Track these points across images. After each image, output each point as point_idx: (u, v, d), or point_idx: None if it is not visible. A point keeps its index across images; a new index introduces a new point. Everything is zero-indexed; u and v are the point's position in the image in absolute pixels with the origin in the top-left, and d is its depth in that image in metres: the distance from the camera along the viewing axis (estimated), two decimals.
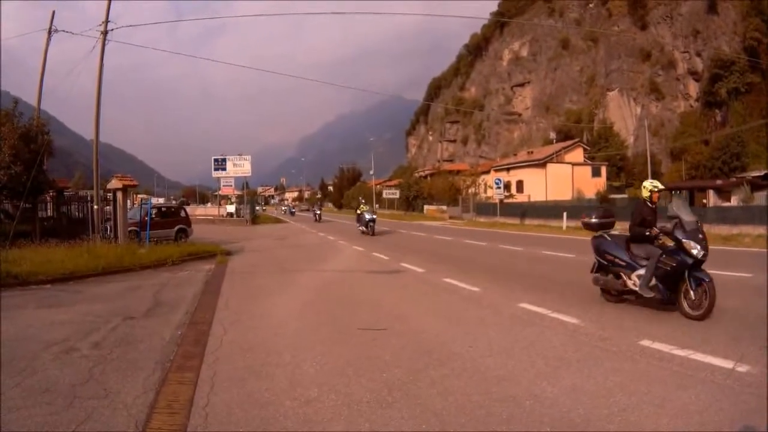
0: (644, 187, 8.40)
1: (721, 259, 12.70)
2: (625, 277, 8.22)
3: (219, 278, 13.19)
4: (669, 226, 7.68)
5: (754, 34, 65.81)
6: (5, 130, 17.30)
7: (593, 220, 9.11)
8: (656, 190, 8.23)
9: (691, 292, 7.30)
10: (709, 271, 7.44)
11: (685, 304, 7.39)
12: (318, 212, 53.39)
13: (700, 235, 7.39)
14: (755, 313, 7.39)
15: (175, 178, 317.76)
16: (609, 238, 8.71)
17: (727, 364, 5.19)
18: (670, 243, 7.75)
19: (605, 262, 8.60)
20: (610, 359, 5.58)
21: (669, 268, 7.53)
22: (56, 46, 21.83)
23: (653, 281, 7.69)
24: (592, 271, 8.94)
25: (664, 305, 7.75)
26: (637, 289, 7.91)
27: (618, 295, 8.62)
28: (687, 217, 7.60)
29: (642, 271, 7.90)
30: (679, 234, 7.47)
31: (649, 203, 8.25)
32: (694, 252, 7.24)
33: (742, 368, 5.08)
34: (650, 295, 7.68)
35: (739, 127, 59.26)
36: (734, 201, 37.61)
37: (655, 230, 7.89)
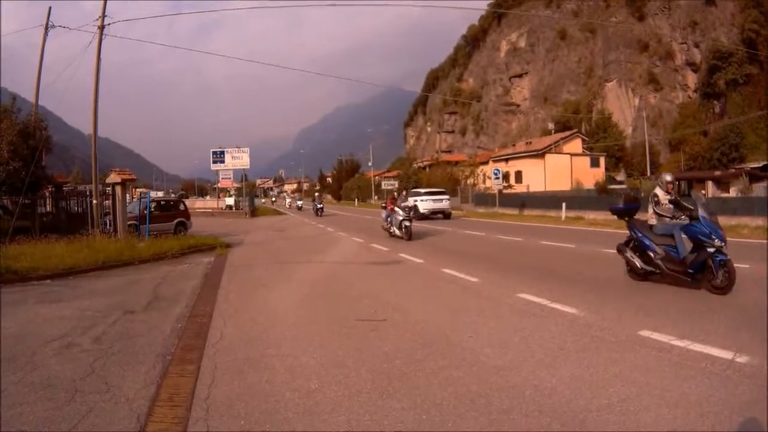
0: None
1: None
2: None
3: (219, 271, 13.21)
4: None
5: (753, 26, 65.66)
6: (3, 126, 17.30)
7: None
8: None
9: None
10: None
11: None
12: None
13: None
14: (754, 303, 7.39)
15: (173, 171, 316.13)
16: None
17: (727, 355, 5.19)
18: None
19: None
20: (609, 349, 5.59)
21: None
22: (53, 42, 21.85)
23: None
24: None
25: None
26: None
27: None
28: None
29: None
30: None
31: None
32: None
33: (741, 359, 5.07)
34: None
35: (737, 118, 59.25)
36: (733, 192, 37.66)
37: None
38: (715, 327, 6.26)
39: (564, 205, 31.66)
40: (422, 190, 35.70)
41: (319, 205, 45.09)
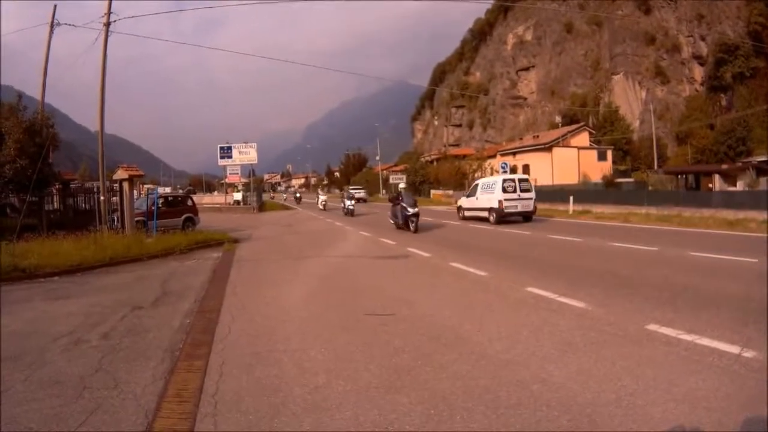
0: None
1: (726, 244, 12.66)
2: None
3: (227, 266, 13.23)
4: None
5: (758, 19, 65.24)
6: (9, 124, 17.33)
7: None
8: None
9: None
10: (712, 255, 7.47)
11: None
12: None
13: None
14: (760, 298, 7.34)
15: (180, 167, 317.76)
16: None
17: (734, 349, 5.16)
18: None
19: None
20: (617, 343, 5.58)
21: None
22: (59, 40, 21.83)
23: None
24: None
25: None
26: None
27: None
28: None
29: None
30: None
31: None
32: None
33: (748, 353, 5.05)
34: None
35: (744, 111, 58.89)
36: (740, 186, 37.49)
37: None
38: (722, 321, 6.23)
39: (572, 198, 31.62)
40: (350, 187, 45.34)
41: (410, 210, 20.85)
